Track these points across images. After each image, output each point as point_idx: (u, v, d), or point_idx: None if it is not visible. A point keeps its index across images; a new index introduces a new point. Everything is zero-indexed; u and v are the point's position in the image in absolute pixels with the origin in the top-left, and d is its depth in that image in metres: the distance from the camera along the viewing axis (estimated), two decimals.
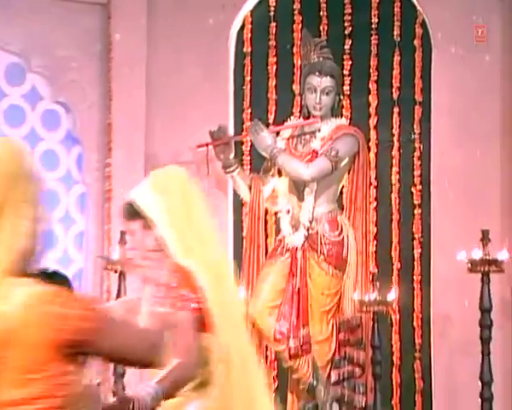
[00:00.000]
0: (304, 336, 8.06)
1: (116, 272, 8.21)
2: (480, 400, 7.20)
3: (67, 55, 8.81)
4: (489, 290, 7.15)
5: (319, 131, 8.05)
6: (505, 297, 7.77)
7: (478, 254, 7.09)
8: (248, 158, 8.69)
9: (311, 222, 8.00)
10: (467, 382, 7.49)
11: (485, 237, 7.20)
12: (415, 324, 8.30)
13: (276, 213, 8.47)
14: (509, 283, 7.75)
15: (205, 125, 8.24)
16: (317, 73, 8.08)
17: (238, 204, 8.62)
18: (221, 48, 8.92)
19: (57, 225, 8.84)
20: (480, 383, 7.19)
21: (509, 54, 8.48)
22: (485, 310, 7.11)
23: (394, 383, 8.46)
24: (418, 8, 8.55)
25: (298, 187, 8.11)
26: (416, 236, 8.62)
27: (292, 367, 8.07)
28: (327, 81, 8.05)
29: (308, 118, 8.17)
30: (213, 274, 3.93)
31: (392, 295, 7.91)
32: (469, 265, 7.16)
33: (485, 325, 7.11)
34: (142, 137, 8.78)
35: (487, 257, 7.12)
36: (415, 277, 8.35)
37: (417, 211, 8.60)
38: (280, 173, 8.19)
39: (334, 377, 8.00)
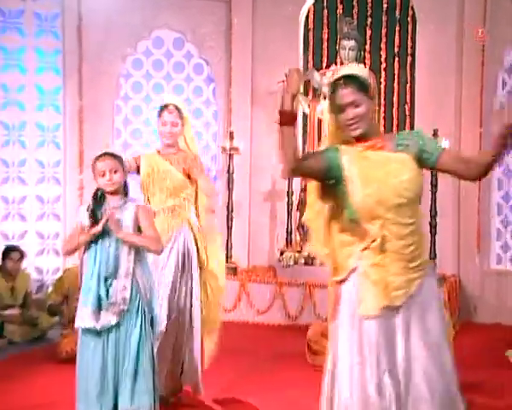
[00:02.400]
0: None
1: (226, 152, 9.65)
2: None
3: (207, 32, 10.20)
4: None
5: None
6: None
7: None
8: (311, 89, 9.98)
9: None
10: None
11: (435, 133, 8.54)
12: None
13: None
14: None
15: (283, 68, 9.43)
16: (346, 38, 9.34)
17: (304, 117, 9.93)
18: (294, 26, 10.30)
19: (203, 128, 10.47)
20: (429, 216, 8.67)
21: (460, 27, 9.54)
22: (433, 175, 8.50)
23: None
24: None
25: None
26: (407, 129, 9.75)
27: None
28: (352, 43, 9.32)
29: (342, 65, 9.36)
30: None
31: None
32: None
33: (433, 185, 8.64)
34: (249, 77, 10.23)
35: None
36: None
37: (408, 121, 10.03)
38: (325, 98, 9.11)
39: None
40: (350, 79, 3.45)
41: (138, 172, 5.48)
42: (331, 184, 3.45)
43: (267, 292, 9.03)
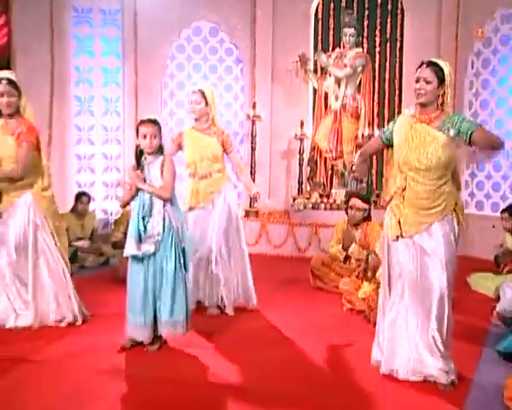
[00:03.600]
0: (339, 150, 9.35)
1: (250, 119, 9.74)
2: None
3: (236, 22, 10.30)
4: None
5: (348, 54, 9.33)
6: None
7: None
8: (319, 68, 9.84)
9: (343, 97, 9.27)
10: None
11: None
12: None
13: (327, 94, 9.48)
14: None
15: (297, 52, 9.58)
16: (347, 27, 9.36)
17: (313, 91, 9.98)
18: (306, 18, 10.43)
19: (232, 100, 10.61)
20: None
21: (439, 17, 9.48)
22: None
23: (383, 170, 9.68)
24: None
25: (338, 81, 9.29)
26: (396, 101, 10.06)
27: (335, 165, 9.40)
28: (352, 30, 9.32)
29: (344, 48, 9.48)
30: None
31: (376, 132, 9.05)
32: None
33: None
34: (269, 58, 10.30)
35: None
36: None
37: (397, 92, 10.11)
38: (330, 75, 9.35)
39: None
40: (433, 64, 3.74)
41: (180, 148, 5.75)
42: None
43: (282, 231, 9.23)
